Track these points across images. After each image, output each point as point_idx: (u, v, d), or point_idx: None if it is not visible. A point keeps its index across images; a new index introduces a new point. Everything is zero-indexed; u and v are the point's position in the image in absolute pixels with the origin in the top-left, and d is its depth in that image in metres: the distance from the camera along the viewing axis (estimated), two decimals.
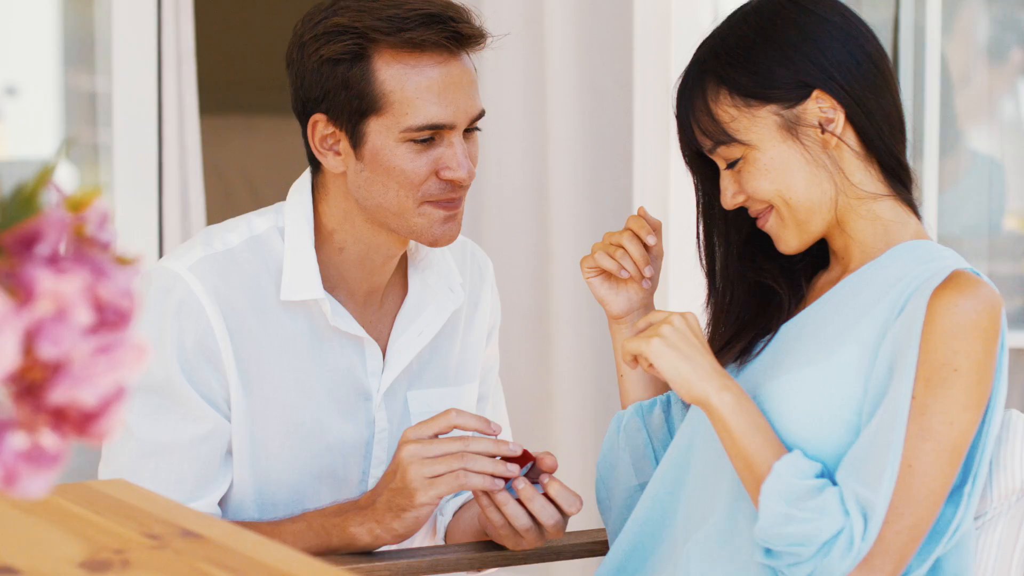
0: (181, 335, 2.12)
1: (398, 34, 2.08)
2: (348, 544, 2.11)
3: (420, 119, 2.09)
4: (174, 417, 2.12)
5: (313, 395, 2.19)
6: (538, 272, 3.99)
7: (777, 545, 1.88)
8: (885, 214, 2.01)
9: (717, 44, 2.01)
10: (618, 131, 3.87)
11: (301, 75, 2.13)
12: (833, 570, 1.86)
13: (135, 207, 3.93)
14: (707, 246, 2.12)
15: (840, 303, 2.00)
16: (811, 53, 1.97)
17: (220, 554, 1.49)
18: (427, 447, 2.05)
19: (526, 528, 2.08)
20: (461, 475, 2.03)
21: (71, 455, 1.01)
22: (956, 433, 1.88)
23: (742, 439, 1.91)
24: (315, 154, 2.15)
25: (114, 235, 1.05)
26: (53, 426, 0.99)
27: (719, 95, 1.99)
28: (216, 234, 2.19)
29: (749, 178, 1.99)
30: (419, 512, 2.06)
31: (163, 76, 3.90)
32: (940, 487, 1.88)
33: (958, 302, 1.89)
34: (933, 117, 3.85)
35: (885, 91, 2.00)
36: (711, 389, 1.92)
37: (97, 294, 0.99)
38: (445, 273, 2.30)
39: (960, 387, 1.88)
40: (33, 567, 1.43)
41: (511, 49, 3.97)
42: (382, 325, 2.26)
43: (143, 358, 1.00)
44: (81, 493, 1.70)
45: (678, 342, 1.94)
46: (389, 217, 2.13)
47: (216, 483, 2.16)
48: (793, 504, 1.87)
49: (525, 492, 2.05)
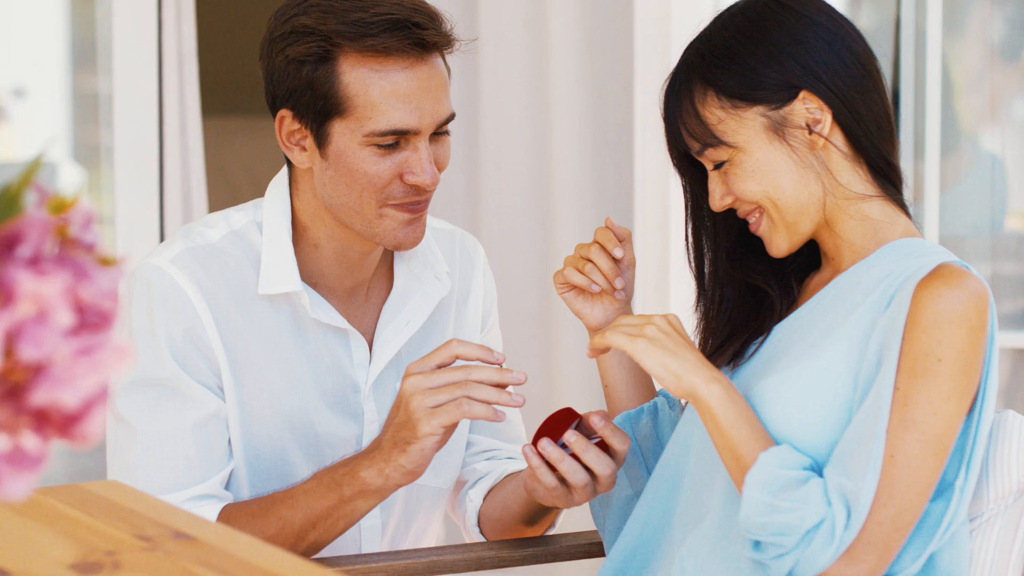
0: (169, 326, 2.13)
1: (361, 39, 2.07)
2: (360, 491, 2.08)
3: (384, 124, 2.08)
4: (174, 406, 2.13)
5: (301, 387, 2.19)
6: (540, 272, 3.99)
7: (760, 535, 1.88)
8: (874, 214, 2.01)
9: (704, 46, 2.01)
10: (620, 130, 3.87)
11: (270, 71, 2.13)
12: (815, 560, 1.85)
13: (136, 208, 3.93)
14: (696, 248, 2.12)
15: (831, 303, 1.99)
16: (797, 54, 1.97)
17: (211, 556, 1.49)
18: (428, 378, 2.02)
19: (583, 483, 2.04)
20: (464, 403, 2.00)
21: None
22: (940, 423, 1.87)
23: (729, 429, 1.91)
24: (283, 149, 2.16)
25: (98, 237, 1.04)
26: (35, 428, 0.99)
27: (706, 97, 1.98)
28: (195, 229, 2.20)
29: (736, 180, 1.99)
30: (424, 444, 2.03)
31: (164, 77, 3.90)
32: (924, 478, 1.87)
33: (942, 292, 1.88)
34: (934, 117, 3.84)
35: (873, 92, 2.00)
36: (699, 381, 1.92)
37: (78, 296, 0.98)
38: (432, 262, 2.30)
39: (944, 377, 1.87)
40: (23, 569, 1.42)
41: (512, 49, 3.97)
42: (368, 317, 2.26)
43: (125, 359, 0.99)
44: (74, 495, 1.70)
45: (663, 339, 1.94)
46: (352, 217, 2.13)
47: (224, 461, 2.17)
48: (776, 494, 1.87)
49: (578, 444, 2.02)
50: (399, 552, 2.20)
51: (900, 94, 3.96)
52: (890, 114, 2.03)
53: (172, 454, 2.13)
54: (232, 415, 2.17)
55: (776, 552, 1.87)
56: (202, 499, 2.14)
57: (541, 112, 3.96)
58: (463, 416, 2.00)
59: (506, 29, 3.96)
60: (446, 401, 2.01)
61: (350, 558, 2.15)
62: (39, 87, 7.49)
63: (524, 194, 4.01)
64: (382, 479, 2.07)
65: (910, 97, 3.95)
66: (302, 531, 2.10)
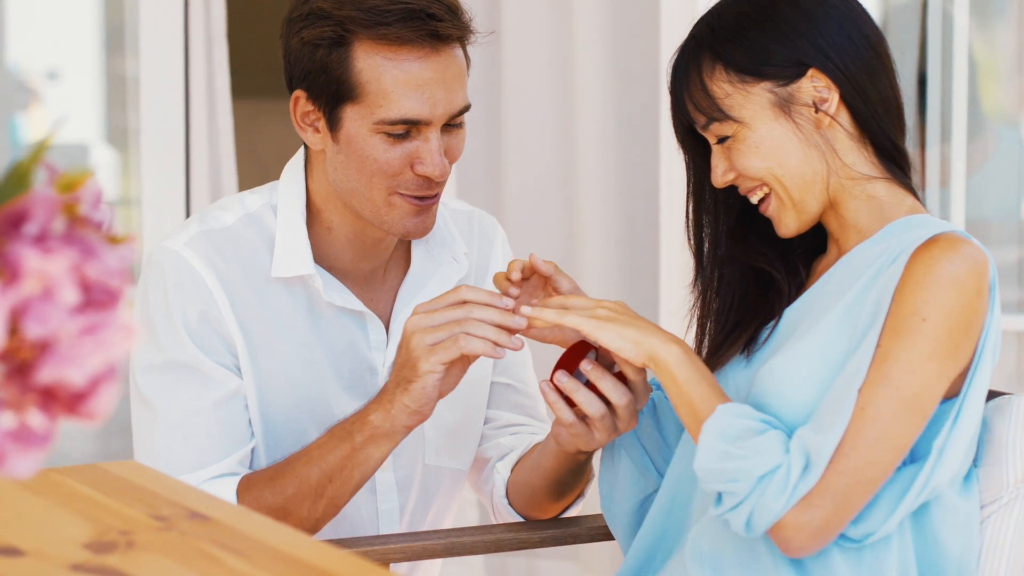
0: (185, 309, 2.14)
1: (375, 28, 2.06)
2: (371, 436, 2.08)
3: (394, 113, 2.07)
4: (194, 387, 2.14)
5: (317, 369, 2.20)
6: (563, 256, 3.98)
7: (714, 483, 1.86)
8: (879, 194, 2.00)
9: (715, 21, 2.01)
10: (644, 113, 3.86)
11: (287, 51, 2.15)
12: (770, 508, 1.84)
13: (163, 190, 3.94)
14: (696, 225, 2.11)
15: (837, 282, 1.99)
16: (808, 33, 1.97)
17: (226, 536, 1.49)
18: (429, 316, 2.02)
19: (600, 414, 2.03)
20: (462, 339, 2.00)
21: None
22: (917, 382, 1.85)
23: (687, 385, 1.91)
24: (297, 129, 2.16)
25: (109, 215, 1.05)
26: (41, 406, 0.99)
27: (714, 71, 1.98)
28: (211, 213, 2.21)
29: (739, 155, 1.98)
30: (425, 382, 2.03)
31: (192, 59, 3.90)
32: (895, 435, 1.85)
33: (935, 255, 1.88)
34: (961, 101, 3.82)
35: (882, 75, 1.99)
36: (658, 342, 1.93)
37: (84, 274, 0.98)
38: (449, 243, 2.29)
39: (927, 337, 1.85)
40: (38, 548, 1.43)
41: (537, 31, 3.96)
42: (386, 299, 2.26)
43: (131, 338, 0.99)
44: (91, 474, 1.70)
45: (615, 315, 1.96)
46: (361, 203, 2.13)
47: (246, 439, 2.18)
48: (731, 442, 1.86)
49: (594, 373, 2.02)
50: (417, 534, 2.20)
51: (927, 77, 3.94)
52: (899, 99, 2.02)
53: (194, 432, 2.14)
54: (250, 397, 2.18)
55: (732, 502, 1.86)
56: (223, 477, 2.15)
57: (565, 95, 3.95)
58: (460, 351, 2.00)
59: (530, 11, 3.95)
60: (445, 338, 2.01)
61: (368, 539, 2.15)
62: (73, 70, 7.53)
63: (548, 177, 4.00)
64: (389, 421, 2.07)
65: (937, 80, 3.93)
66: (319, 487, 2.10)
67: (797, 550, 1.87)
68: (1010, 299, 4.00)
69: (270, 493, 2.11)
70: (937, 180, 3.84)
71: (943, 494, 1.95)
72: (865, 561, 1.92)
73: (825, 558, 1.92)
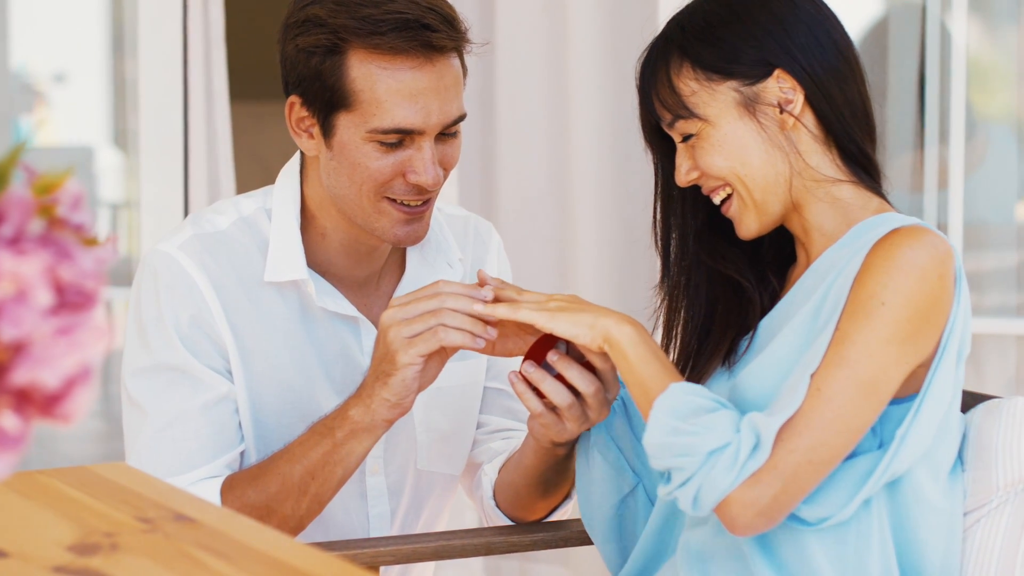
0: (176, 312, 2.14)
1: (369, 37, 2.06)
2: (351, 431, 2.08)
3: (387, 122, 2.07)
4: (184, 390, 2.14)
5: (309, 374, 2.20)
6: (558, 261, 3.98)
7: (663, 459, 1.86)
8: (844, 196, 2.00)
9: (685, 19, 2.02)
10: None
11: (283, 57, 2.15)
12: (717, 484, 1.83)
13: (161, 192, 3.95)
14: (663, 227, 2.12)
15: (807, 290, 1.99)
16: (777, 34, 1.98)
17: (211, 538, 1.49)
18: (404, 309, 2.02)
19: (568, 404, 2.03)
20: (440, 331, 2.00)
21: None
22: (875, 366, 1.84)
23: (639, 364, 1.92)
24: (292, 135, 2.16)
25: (88, 217, 1.05)
26: (15, 408, 0.99)
27: (682, 68, 1.99)
28: (204, 216, 2.21)
29: (703, 154, 1.99)
30: (404, 375, 2.03)
31: (190, 62, 3.91)
32: (849, 417, 1.84)
33: (896, 241, 1.88)
34: (959, 103, 3.81)
35: (850, 80, 2.00)
36: (611, 323, 1.94)
37: (59, 276, 0.98)
38: (444, 249, 2.30)
39: (885, 321, 1.84)
40: (21, 550, 1.43)
41: (531, 35, 3.96)
42: (380, 304, 2.26)
43: (105, 340, 0.99)
44: (78, 476, 1.70)
45: (567, 305, 1.97)
46: (353, 210, 2.13)
47: (235, 442, 2.18)
48: (682, 418, 1.86)
49: (560, 363, 2.02)
50: (407, 536, 2.19)
51: (925, 79, 3.93)
52: (868, 106, 2.02)
53: (183, 435, 2.14)
54: (242, 401, 2.18)
55: (680, 478, 1.85)
56: (209, 480, 2.15)
57: (560, 103, 3.95)
58: (439, 343, 2.00)
59: (525, 19, 3.95)
60: (422, 331, 2.01)
61: (358, 542, 2.15)
62: (80, 73, 7.54)
63: (543, 184, 4.00)
64: (369, 415, 2.07)
65: (935, 83, 3.92)
66: (302, 483, 2.10)
67: (743, 528, 1.85)
68: (1008, 303, 3.99)
69: (253, 492, 2.11)
70: (935, 182, 3.83)
71: (926, 494, 1.94)
72: (848, 563, 1.92)
73: (808, 559, 1.91)
